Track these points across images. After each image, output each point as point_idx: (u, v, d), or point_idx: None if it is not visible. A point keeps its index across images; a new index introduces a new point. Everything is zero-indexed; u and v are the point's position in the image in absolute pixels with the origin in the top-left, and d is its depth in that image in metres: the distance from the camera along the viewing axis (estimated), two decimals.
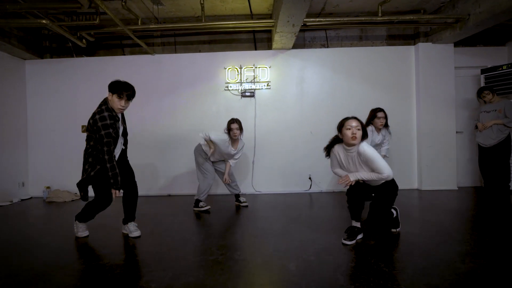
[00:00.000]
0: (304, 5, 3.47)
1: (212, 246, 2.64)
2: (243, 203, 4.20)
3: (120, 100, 2.66)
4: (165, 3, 4.50)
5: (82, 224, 2.99)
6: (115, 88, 2.66)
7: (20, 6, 3.92)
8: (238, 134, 3.90)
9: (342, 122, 2.68)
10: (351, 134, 2.57)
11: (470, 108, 5.27)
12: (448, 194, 4.67)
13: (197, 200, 4.01)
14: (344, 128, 2.62)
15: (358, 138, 2.58)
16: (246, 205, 4.17)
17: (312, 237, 2.83)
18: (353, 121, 2.61)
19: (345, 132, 2.60)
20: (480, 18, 4.02)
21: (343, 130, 2.63)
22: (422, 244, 2.58)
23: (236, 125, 3.87)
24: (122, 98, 2.66)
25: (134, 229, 2.97)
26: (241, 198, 4.27)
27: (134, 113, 5.12)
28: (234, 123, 3.88)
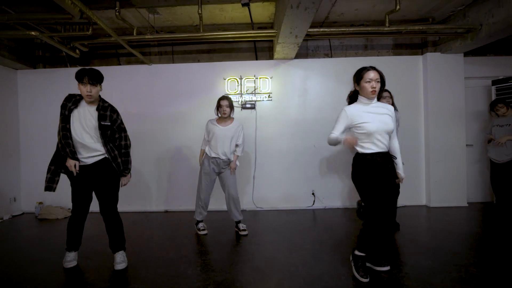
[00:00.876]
0: (308, 17, 3.27)
1: (210, 282, 2.43)
2: (242, 231, 3.73)
3: (84, 86, 2.56)
4: (162, 12, 4.31)
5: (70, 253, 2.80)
6: (77, 76, 2.57)
7: (8, 17, 3.74)
8: (228, 112, 3.65)
9: (360, 74, 2.44)
10: (370, 88, 2.35)
11: (481, 119, 5.05)
12: (457, 212, 4.46)
13: (196, 220, 3.80)
14: (363, 81, 2.39)
15: (377, 91, 2.39)
16: (246, 234, 3.70)
17: (318, 271, 2.61)
18: (372, 72, 2.38)
19: (364, 85, 2.38)
20: (493, 28, 3.81)
21: (362, 82, 2.40)
22: (436, 281, 2.36)
23: (226, 101, 3.64)
24: (85, 83, 2.55)
25: (120, 260, 2.75)
26: (240, 225, 3.77)
27: (130, 125, 4.92)
28: (224, 99, 3.67)
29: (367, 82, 2.36)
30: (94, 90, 2.59)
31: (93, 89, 2.58)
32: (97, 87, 2.63)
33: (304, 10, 3.09)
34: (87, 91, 2.55)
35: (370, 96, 2.37)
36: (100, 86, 2.68)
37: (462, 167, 4.80)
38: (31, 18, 3.76)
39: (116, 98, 4.97)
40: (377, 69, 2.42)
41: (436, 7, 4.27)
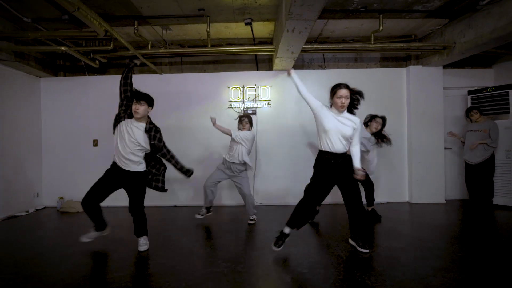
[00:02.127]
0: (302, 38, 3.83)
1: (218, 259, 2.97)
2: (249, 220, 4.39)
3: (134, 104, 3.12)
4: (174, 28, 4.86)
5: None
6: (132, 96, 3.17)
7: (41, 34, 4.29)
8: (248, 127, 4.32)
9: (334, 89, 2.92)
10: (340, 103, 2.85)
11: (458, 125, 5.61)
12: (436, 208, 5.00)
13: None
14: (335, 96, 2.88)
15: (345, 107, 2.90)
16: (253, 223, 4.34)
17: (307, 251, 3.16)
18: (343, 90, 2.87)
19: (336, 100, 2.88)
20: (465, 47, 4.38)
21: (334, 98, 2.88)
22: (403, 258, 2.91)
23: (247, 119, 4.31)
24: (134, 103, 3.12)
25: (143, 243, 3.28)
26: (250, 216, 4.43)
27: None
28: (246, 117, 4.33)
29: (338, 98, 2.88)
30: (141, 108, 3.13)
31: (141, 107, 3.12)
32: (144, 106, 3.15)
33: (299, 33, 3.65)
34: (135, 108, 3.11)
35: (340, 110, 2.92)
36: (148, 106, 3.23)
37: (441, 167, 5.36)
38: (61, 35, 4.31)
39: None
40: (349, 87, 2.94)
41: (417, 26, 4.84)
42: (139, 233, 3.32)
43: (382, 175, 5.44)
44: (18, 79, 5.16)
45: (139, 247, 3.25)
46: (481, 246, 3.23)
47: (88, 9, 3.45)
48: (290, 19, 3.24)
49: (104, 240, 3.55)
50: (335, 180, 3.05)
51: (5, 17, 4.32)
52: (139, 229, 3.31)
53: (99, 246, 3.40)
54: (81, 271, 2.77)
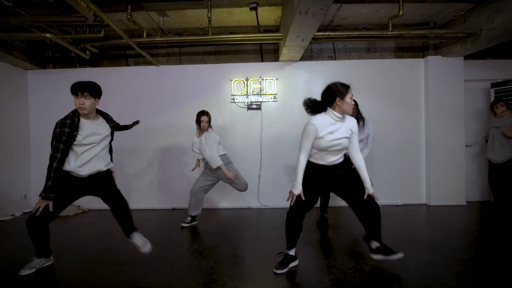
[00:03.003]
0: (315, 22, 3.40)
1: (224, 274, 2.56)
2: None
3: (78, 98, 2.57)
4: (171, 14, 4.43)
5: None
6: (71, 89, 2.59)
7: (23, 20, 3.85)
8: (207, 127, 3.91)
9: (347, 89, 2.48)
10: (352, 104, 2.49)
11: (480, 121, 5.20)
12: (457, 210, 4.61)
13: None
14: (348, 96, 2.45)
15: None
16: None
17: (325, 263, 2.76)
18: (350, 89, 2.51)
19: (349, 100, 2.45)
20: (493, 33, 3.96)
21: (347, 98, 2.44)
22: (432, 271, 2.50)
23: (206, 117, 3.89)
24: (78, 96, 2.57)
25: (142, 241, 2.84)
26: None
27: (139, 125, 5.06)
28: (204, 115, 3.90)
29: (351, 98, 2.47)
30: (88, 102, 2.59)
31: (87, 101, 2.58)
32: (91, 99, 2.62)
33: (312, 16, 3.22)
34: (79, 103, 2.56)
35: (351, 111, 2.50)
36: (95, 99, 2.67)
37: (461, 167, 4.96)
38: (46, 21, 3.86)
39: (125, 97, 5.14)
40: None
41: (438, 12, 4.41)
42: (131, 229, 2.85)
43: (397, 175, 5.03)
44: (2, 71, 4.73)
45: (141, 249, 2.81)
46: (504, 252, 2.85)
47: None
48: None
49: (92, 249, 3.15)
50: (329, 187, 2.66)
51: None
52: (130, 224, 2.85)
53: (90, 253, 3.00)
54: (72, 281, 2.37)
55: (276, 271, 2.58)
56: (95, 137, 2.65)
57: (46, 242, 2.72)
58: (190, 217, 4.06)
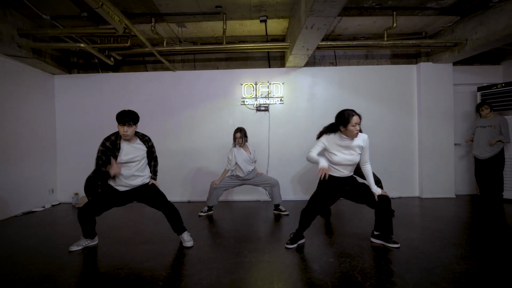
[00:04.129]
0: (319, 35, 3.90)
1: (244, 249, 3.05)
2: (284, 212, 4.57)
3: (122, 126, 2.96)
4: (189, 26, 4.93)
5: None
6: (117, 118, 2.97)
7: (60, 31, 4.35)
8: (241, 142, 4.46)
9: (348, 118, 2.89)
10: (355, 130, 2.89)
11: (468, 121, 5.69)
12: (446, 202, 5.09)
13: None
14: (350, 125, 2.89)
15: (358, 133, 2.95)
16: (287, 214, 4.54)
17: (329, 241, 3.24)
18: (357, 118, 2.90)
19: (351, 128, 2.88)
20: (476, 43, 4.46)
21: (349, 126, 2.89)
22: (424, 248, 2.99)
23: (239, 134, 4.44)
24: (123, 125, 2.95)
25: (188, 238, 3.25)
26: (281, 207, 4.62)
27: (157, 126, 5.57)
28: (238, 132, 4.46)
29: (353, 126, 2.89)
30: (131, 129, 2.97)
31: (130, 129, 2.96)
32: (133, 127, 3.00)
33: (317, 30, 3.72)
34: (123, 131, 2.95)
35: (354, 136, 2.95)
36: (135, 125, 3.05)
37: (451, 163, 5.45)
38: (81, 32, 4.36)
39: (144, 100, 5.62)
40: (358, 115, 2.95)
41: (429, 23, 4.92)
42: (181, 229, 3.28)
43: (393, 170, 5.52)
44: (33, 76, 5.21)
45: (185, 243, 3.21)
46: (496, 237, 3.32)
47: (112, 5, 3.51)
48: (311, 16, 3.31)
49: (127, 232, 3.63)
50: (341, 194, 3.16)
51: (24, 14, 4.37)
52: (179, 225, 3.28)
53: (122, 237, 3.48)
54: (113, 261, 2.84)
55: (287, 246, 3.08)
56: (131, 156, 3.06)
57: (92, 228, 3.21)
58: (207, 207, 4.55)
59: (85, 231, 3.20)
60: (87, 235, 3.23)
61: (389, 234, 3.11)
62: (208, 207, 4.56)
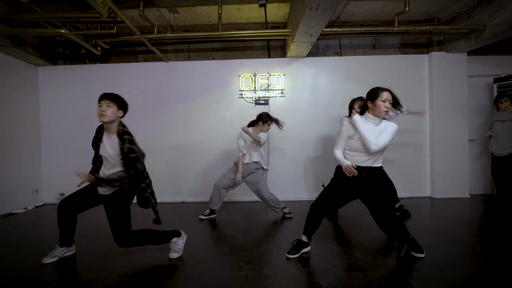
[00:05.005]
0: (325, 18, 3.50)
1: (240, 260, 2.66)
2: (287, 214, 4.13)
3: (100, 105, 2.53)
4: (181, 11, 4.52)
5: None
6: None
7: (38, 16, 3.94)
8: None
9: (376, 92, 2.49)
10: (384, 108, 2.44)
11: (483, 116, 5.30)
12: (461, 203, 4.71)
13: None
14: (379, 99, 2.46)
15: (388, 112, 2.49)
16: (291, 217, 4.09)
17: (337, 250, 2.86)
18: (387, 93, 2.48)
19: (379, 103, 2.45)
20: (496, 29, 4.05)
21: (377, 101, 2.46)
22: (447, 258, 2.61)
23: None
24: (100, 104, 2.53)
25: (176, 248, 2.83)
26: (285, 210, 4.16)
27: (149, 120, 5.18)
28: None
29: (382, 101, 2.45)
30: (108, 110, 2.50)
31: (107, 109, 2.50)
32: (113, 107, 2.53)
33: (322, 12, 3.32)
34: (100, 110, 2.50)
35: (382, 114, 2.48)
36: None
37: (465, 160, 5.06)
38: (61, 17, 3.94)
39: (134, 93, 5.23)
40: (391, 91, 2.54)
41: (442, 8, 4.51)
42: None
43: (402, 168, 5.13)
44: (15, 67, 4.81)
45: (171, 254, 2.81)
46: None
47: None
48: None
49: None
50: (356, 186, 2.66)
51: None
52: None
53: (104, 245, 3.10)
54: (89, 276, 2.46)
55: (288, 256, 2.68)
56: (104, 153, 2.60)
57: (71, 231, 2.79)
58: (209, 210, 4.11)
59: (63, 235, 2.78)
60: (64, 241, 2.82)
61: (406, 246, 2.71)
62: (210, 210, 4.11)
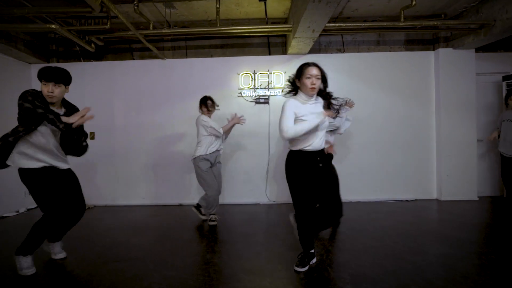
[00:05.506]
0: (328, 11, 3.31)
1: (238, 270, 2.48)
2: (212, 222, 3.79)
3: (46, 85, 2.35)
4: (178, 6, 4.34)
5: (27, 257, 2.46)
6: (39, 74, 2.37)
7: (28, 10, 3.76)
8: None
9: (301, 69, 2.36)
10: (310, 83, 2.30)
11: (492, 115, 5.11)
12: (470, 205, 4.53)
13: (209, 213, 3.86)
14: (304, 77, 2.33)
15: (316, 88, 2.35)
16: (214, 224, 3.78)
17: (342, 259, 2.68)
18: (314, 68, 2.33)
19: (304, 81, 2.32)
20: (507, 24, 3.86)
21: (303, 79, 2.33)
22: (463, 269, 2.41)
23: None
24: (47, 82, 2.35)
25: (59, 250, 2.77)
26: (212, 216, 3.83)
27: (144, 119, 5.02)
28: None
29: (307, 78, 2.32)
30: (57, 91, 2.39)
31: (57, 90, 2.38)
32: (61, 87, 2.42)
33: (326, 4, 3.13)
34: (48, 91, 2.35)
35: (310, 92, 2.34)
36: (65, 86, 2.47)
37: (473, 161, 4.87)
38: (51, 12, 3.77)
39: (130, 92, 5.07)
40: (319, 66, 2.39)
41: (449, 3, 4.32)
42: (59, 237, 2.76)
43: (407, 169, 4.94)
44: (5, 65, 4.64)
45: (57, 255, 2.75)
46: None
47: None
48: None
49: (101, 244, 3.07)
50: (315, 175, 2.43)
51: None
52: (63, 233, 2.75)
53: (98, 249, 2.92)
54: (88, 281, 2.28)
55: (297, 269, 2.43)
56: None
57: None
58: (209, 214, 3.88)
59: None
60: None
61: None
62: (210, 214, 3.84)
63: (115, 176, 5.07)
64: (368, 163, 4.95)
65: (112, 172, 5.08)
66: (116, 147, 5.07)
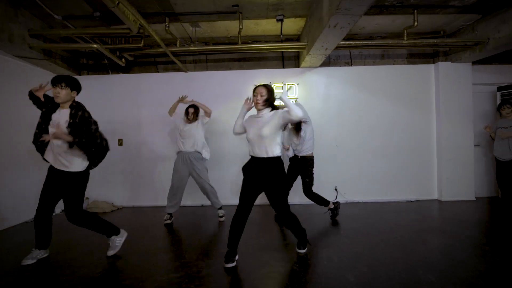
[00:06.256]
0: (341, 34, 3.77)
1: (270, 258, 2.92)
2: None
3: (54, 88, 2.87)
4: (203, 26, 4.81)
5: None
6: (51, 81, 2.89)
7: (72, 32, 4.23)
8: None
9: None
10: (256, 100, 2.84)
11: (487, 122, 5.53)
12: (468, 205, 4.96)
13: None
14: (253, 94, 2.88)
15: (260, 103, 2.81)
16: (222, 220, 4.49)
17: (357, 250, 3.12)
18: (260, 88, 2.85)
19: (252, 98, 2.88)
20: (500, 42, 4.33)
21: (254, 97, 2.87)
22: (459, 256, 2.86)
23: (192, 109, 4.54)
24: (54, 86, 2.87)
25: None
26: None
27: (167, 126, 5.44)
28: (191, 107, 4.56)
29: (254, 96, 2.87)
30: (62, 92, 2.86)
31: (62, 91, 2.86)
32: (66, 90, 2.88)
33: (340, 29, 3.59)
34: (55, 92, 2.85)
35: (258, 108, 2.88)
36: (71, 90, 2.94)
37: (470, 165, 5.32)
38: (93, 33, 4.24)
39: (155, 102, 5.51)
40: (267, 86, 2.89)
41: (448, 22, 4.79)
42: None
43: (410, 172, 5.39)
44: (42, 77, 5.03)
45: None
46: None
47: (128, 4, 3.39)
48: (336, 14, 3.17)
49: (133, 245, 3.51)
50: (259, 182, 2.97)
51: (34, 14, 4.25)
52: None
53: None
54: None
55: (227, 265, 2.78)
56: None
57: (48, 233, 3.08)
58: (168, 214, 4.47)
59: (39, 238, 3.05)
60: (41, 244, 3.06)
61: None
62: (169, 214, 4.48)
63: (141, 180, 5.51)
64: (374, 167, 5.40)
65: (136, 177, 5.53)
66: (143, 151, 5.51)
